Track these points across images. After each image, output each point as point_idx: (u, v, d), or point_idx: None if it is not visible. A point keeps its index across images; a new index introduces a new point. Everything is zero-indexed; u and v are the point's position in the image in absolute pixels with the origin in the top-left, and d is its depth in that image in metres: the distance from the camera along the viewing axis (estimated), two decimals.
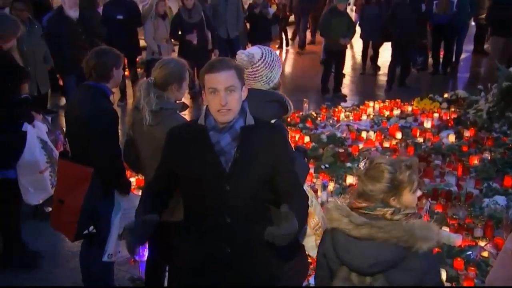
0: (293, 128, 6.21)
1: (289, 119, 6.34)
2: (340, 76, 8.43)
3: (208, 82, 2.03)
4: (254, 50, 2.52)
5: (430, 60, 10.08)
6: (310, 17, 11.87)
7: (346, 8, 7.89)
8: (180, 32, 7.40)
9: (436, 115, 6.79)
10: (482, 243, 3.77)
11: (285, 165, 2.16)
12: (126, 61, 6.61)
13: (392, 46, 8.83)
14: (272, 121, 2.40)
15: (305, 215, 2.23)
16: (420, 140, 5.94)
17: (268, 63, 2.50)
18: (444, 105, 7.22)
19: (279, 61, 2.56)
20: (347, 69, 10.05)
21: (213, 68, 2.03)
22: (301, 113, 6.90)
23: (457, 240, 3.78)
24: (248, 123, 2.10)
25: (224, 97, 2.00)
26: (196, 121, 2.15)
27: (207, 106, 2.10)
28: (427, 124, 6.45)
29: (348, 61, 10.15)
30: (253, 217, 2.14)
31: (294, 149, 2.65)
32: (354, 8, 12.44)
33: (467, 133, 6.03)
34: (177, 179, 2.18)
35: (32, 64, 5.26)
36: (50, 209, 4.15)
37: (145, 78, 2.93)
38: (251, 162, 2.08)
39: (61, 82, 6.33)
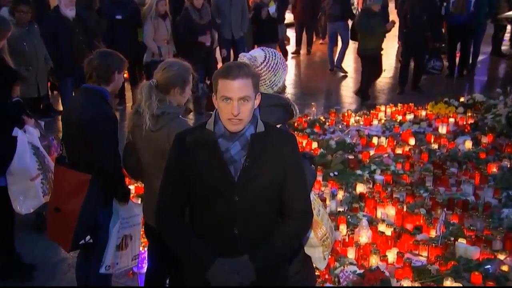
0: (300, 133, 6.21)
1: (296, 124, 6.35)
2: (370, 83, 8.42)
3: (222, 89, 2.02)
4: (257, 53, 2.53)
5: (445, 63, 10.08)
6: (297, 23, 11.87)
7: (380, 9, 7.94)
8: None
9: (451, 120, 6.78)
10: (501, 257, 3.74)
11: (295, 175, 2.17)
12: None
13: (404, 48, 8.84)
14: (277, 126, 2.41)
15: (295, 242, 2.25)
16: (435, 146, 5.92)
17: (272, 66, 2.50)
18: (460, 109, 7.20)
19: (284, 63, 2.56)
20: (355, 72, 10.08)
21: (230, 74, 2.00)
22: (308, 117, 6.91)
23: (475, 253, 3.76)
24: (258, 130, 2.10)
25: (236, 107, 1.99)
26: (203, 126, 2.14)
27: (216, 111, 2.10)
28: (442, 130, 6.43)
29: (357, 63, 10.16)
30: (261, 228, 2.14)
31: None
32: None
33: (484, 139, 6.01)
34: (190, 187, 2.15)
35: (34, 65, 5.33)
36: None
37: (145, 81, 2.94)
38: (261, 172, 2.08)
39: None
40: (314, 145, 5.85)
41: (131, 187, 4.47)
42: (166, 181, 2.20)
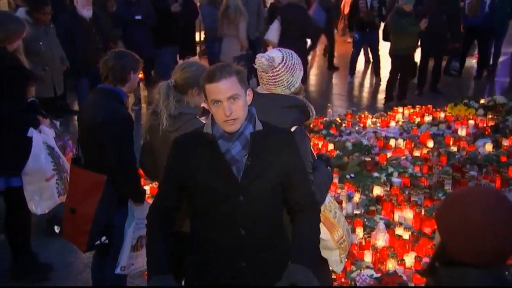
0: (316, 135, 6.21)
1: (312, 125, 6.35)
2: (406, 82, 8.35)
3: (210, 94, 2.04)
4: (275, 53, 2.54)
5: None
6: None
7: (412, 9, 7.92)
8: None
9: (471, 122, 6.72)
10: None
11: (298, 172, 2.19)
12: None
13: (422, 49, 8.80)
14: (293, 128, 2.42)
15: (317, 231, 2.26)
16: (454, 149, 5.88)
17: (289, 67, 2.51)
18: (480, 111, 7.13)
19: (300, 64, 2.57)
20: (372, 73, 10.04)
21: (213, 77, 2.01)
22: (324, 119, 6.91)
23: None
24: (257, 129, 2.12)
25: (227, 107, 2.01)
26: (201, 129, 2.16)
27: (211, 114, 2.12)
28: (462, 132, 6.38)
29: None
30: (268, 228, 2.16)
31: (316, 157, 2.66)
32: None
33: (505, 142, 5.95)
34: (185, 192, 2.19)
35: (50, 65, 5.41)
36: (59, 229, 4.26)
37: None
38: (264, 170, 2.10)
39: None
40: (330, 146, 5.84)
41: (146, 187, 4.51)
42: (162, 182, 2.27)
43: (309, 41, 8.90)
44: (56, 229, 4.32)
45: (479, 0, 9.27)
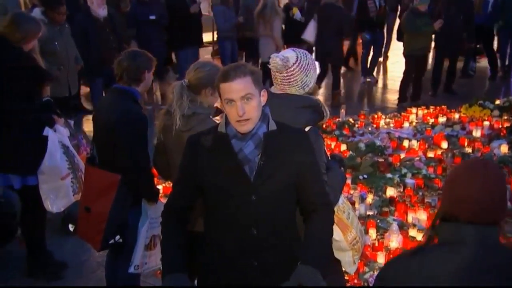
0: (329, 135, 6.19)
1: (325, 126, 6.33)
2: (420, 83, 8.29)
3: (224, 92, 2.05)
4: (289, 53, 2.54)
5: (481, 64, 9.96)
6: None
7: (427, 9, 7.88)
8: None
9: (486, 123, 6.66)
10: None
11: (312, 172, 2.19)
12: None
13: (437, 49, 8.73)
14: (307, 128, 2.42)
15: (330, 232, 2.25)
16: (469, 150, 5.83)
17: (304, 67, 2.51)
18: (496, 112, 7.07)
19: (314, 64, 2.57)
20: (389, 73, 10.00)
21: (228, 76, 2.02)
22: (337, 119, 6.89)
23: None
24: (271, 129, 2.13)
25: (240, 107, 2.01)
26: (215, 129, 2.17)
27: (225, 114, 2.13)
28: (476, 133, 6.33)
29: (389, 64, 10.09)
30: (279, 228, 2.16)
31: (330, 158, 2.66)
32: None
33: None
34: (200, 192, 2.20)
35: (65, 65, 5.48)
36: (73, 227, 4.30)
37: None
38: (277, 170, 2.10)
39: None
40: (343, 147, 5.82)
41: (160, 187, 4.53)
42: (176, 181, 2.29)
43: None
44: (71, 228, 4.37)
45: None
